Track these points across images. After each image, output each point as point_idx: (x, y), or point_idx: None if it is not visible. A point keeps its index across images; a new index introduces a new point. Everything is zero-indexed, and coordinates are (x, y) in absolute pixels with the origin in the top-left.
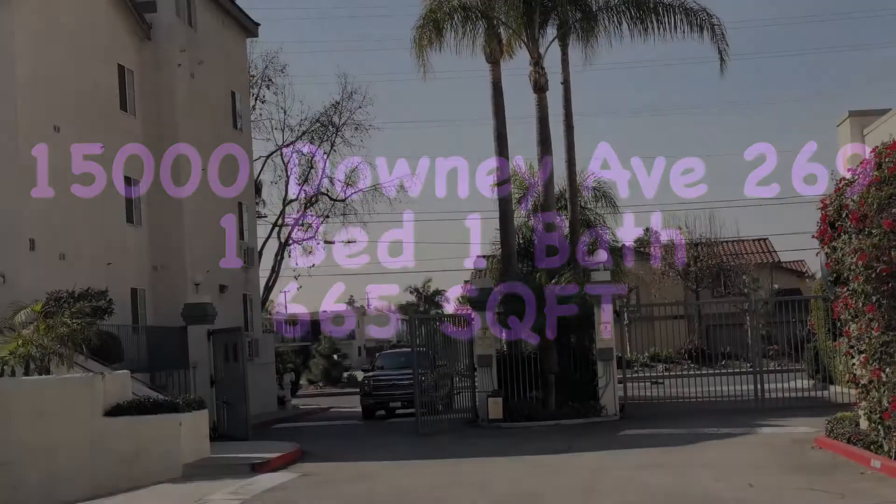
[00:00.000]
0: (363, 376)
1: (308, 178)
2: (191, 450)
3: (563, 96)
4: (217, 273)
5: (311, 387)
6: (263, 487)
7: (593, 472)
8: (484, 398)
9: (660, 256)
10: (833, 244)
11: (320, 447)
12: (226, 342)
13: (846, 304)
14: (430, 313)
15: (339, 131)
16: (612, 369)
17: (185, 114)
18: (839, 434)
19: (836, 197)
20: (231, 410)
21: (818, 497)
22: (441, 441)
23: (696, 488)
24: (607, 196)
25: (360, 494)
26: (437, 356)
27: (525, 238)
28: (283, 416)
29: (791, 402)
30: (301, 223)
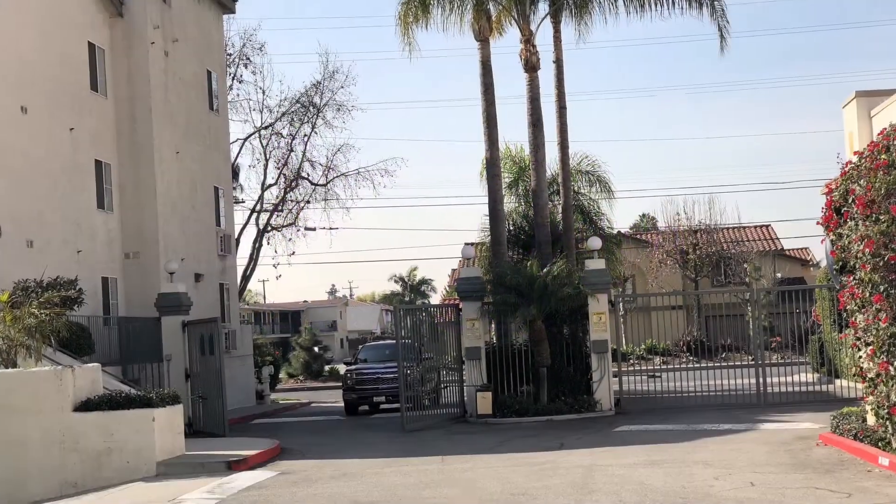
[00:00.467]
0: (346, 370)
1: (288, 162)
2: (165, 447)
3: (555, 76)
4: (192, 261)
5: (291, 381)
6: (241, 486)
7: (587, 470)
8: (472, 392)
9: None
10: (839, 231)
11: (301, 444)
12: (201, 334)
13: (852, 294)
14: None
15: (321, 112)
16: (606, 362)
17: (158, 94)
18: (845, 430)
19: (842, 181)
20: (207, 405)
21: (823, 496)
22: (427, 438)
23: (694, 487)
24: (602, 180)
25: (342, 493)
26: (424, 348)
27: (516, 224)
28: (262, 411)
29: (794, 397)
30: (280, 209)
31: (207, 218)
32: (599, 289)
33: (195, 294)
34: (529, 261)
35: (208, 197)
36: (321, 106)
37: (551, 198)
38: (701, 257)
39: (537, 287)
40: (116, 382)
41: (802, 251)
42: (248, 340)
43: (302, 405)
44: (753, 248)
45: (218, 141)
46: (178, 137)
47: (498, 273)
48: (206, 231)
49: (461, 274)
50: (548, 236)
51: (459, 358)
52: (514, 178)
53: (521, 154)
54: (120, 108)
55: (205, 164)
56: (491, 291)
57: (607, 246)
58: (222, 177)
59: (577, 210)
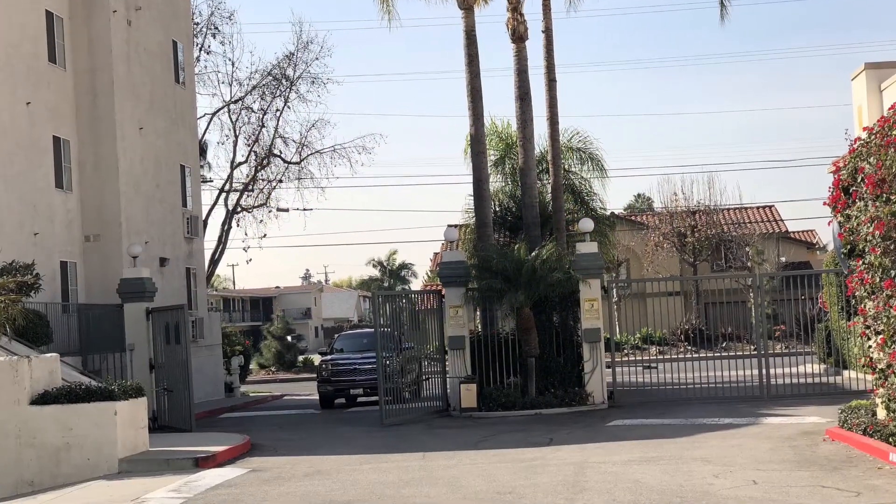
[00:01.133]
0: (321, 360)
1: (259, 138)
2: (127, 442)
3: (544, 46)
4: (157, 244)
5: (262, 372)
6: (208, 484)
7: (578, 468)
8: (456, 385)
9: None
10: (847, 212)
11: (273, 439)
12: (167, 322)
13: (862, 280)
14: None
15: (294, 86)
16: (599, 352)
17: (120, 66)
18: (854, 425)
19: (850, 159)
20: (173, 398)
21: (830, 495)
22: (408, 432)
23: (692, 485)
24: (594, 158)
25: (316, 492)
26: (404, 338)
27: (502, 205)
28: (231, 404)
29: (799, 390)
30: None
31: (173, 198)
32: (591, 274)
33: (160, 279)
34: (517, 244)
35: (174, 176)
36: (294, 79)
37: (540, 177)
38: (700, 240)
39: (525, 272)
40: (76, 374)
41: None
42: (217, 329)
43: (274, 398)
44: (756, 230)
45: (184, 116)
46: (142, 112)
47: (483, 257)
48: (171, 212)
49: (444, 258)
50: (536, 218)
51: (442, 348)
52: (500, 156)
53: (507, 130)
54: (80, 81)
55: (170, 141)
56: (476, 276)
57: (600, 228)
58: (189, 154)
59: (568, 190)
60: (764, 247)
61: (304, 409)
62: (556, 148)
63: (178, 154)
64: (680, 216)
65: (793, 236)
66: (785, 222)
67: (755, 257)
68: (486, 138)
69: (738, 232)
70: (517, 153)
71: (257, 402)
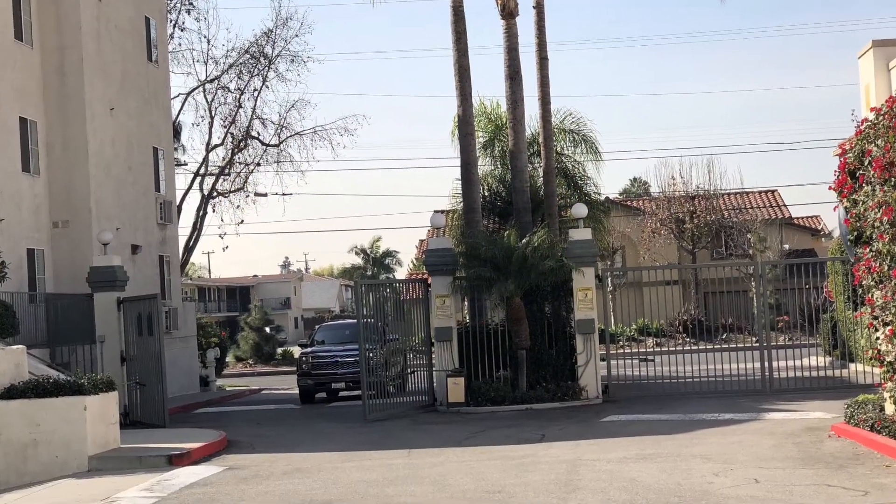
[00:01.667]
0: (300, 353)
1: (235, 120)
2: (97, 439)
3: (535, 23)
4: (129, 231)
5: (239, 365)
6: (182, 483)
7: (571, 465)
8: (443, 378)
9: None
10: (853, 197)
11: (250, 435)
12: (139, 312)
13: (869, 268)
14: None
15: (273, 64)
16: (593, 344)
17: (90, 43)
18: (860, 420)
19: (857, 141)
20: (145, 392)
21: (836, 494)
22: (392, 429)
23: (691, 484)
24: (587, 140)
25: (296, 491)
26: (388, 329)
27: (491, 190)
28: (207, 398)
29: (804, 383)
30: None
31: (146, 182)
32: (585, 262)
33: (132, 268)
34: (507, 230)
35: (146, 158)
36: (273, 57)
37: (531, 160)
38: (699, 226)
39: (515, 260)
40: (44, 367)
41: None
42: (192, 320)
43: (252, 392)
44: (758, 215)
45: (157, 96)
46: (113, 92)
47: (471, 244)
48: (143, 197)
49: (430, 245)
50: (527, 203)
51: (428, 339)
52: (489, 138)
53: (497, 111)
54: (47, 59)
55: (142, 122)
56: (463, 265)
57: (594, 214)
58: (162, 136)
59: (560, 173)
60: (766, 233)
61: (284, 404)
62: (548, 129)
63: (151, 136)
64: (678, 201)
65: (796, 222)
66: (788, 207)
67: (757, 244)
68: (475, 119)
69: (739, 218)
70: (507, 135)
71: (234, 397)
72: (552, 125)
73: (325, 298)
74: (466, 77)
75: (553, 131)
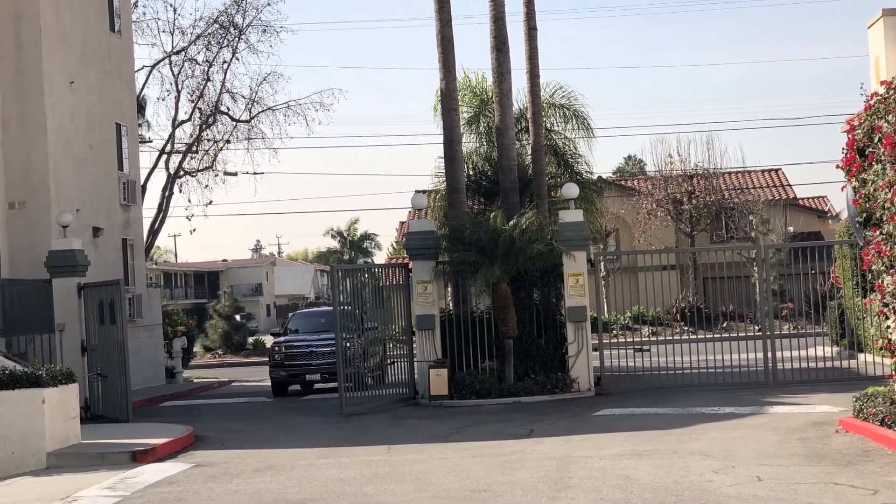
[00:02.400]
0: (273, 342)
1: (204, 94)
2: (57, 434)
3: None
4: (90, 212)
5: (207, 355)
6: (147, 481)
7: (561, 462)
8: (425, 369)
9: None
10: (862, 176)
11: (220, 430)
12: (101, 299)
13: (879, 252)
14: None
15: (243, 34)
16: (585, 333)
17: (49, 12)
18: (870, 414)
19: (866, 117)
20: (107, 385)
21: (844, 493)
22: (371, 423)
23: (690, 482)
24: (579, 116)
25: (268, 490)
26: (366, 317)
27: (476, 168)
28: (173, 391)
29: (809, 375)
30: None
31: (108, 160)
32: (576, 245)
33: (93, 252)
34: (493, 212)
35: (109, 135)
36: (244, 27)
37: (519, 136)
38: (698, 207)
39: (502, 243)
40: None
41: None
42: (157, 307)
43: (221, 384)
44: (760, 196)
45: (120, 68)
46: (73, 64)
47: (455, 226)
48: (106, 176)
49: (411, 227)
50: (515, 182)
51: (409, 328)
52: (474, 113)
53: (482, 84)
54: (3, 30)
55: (104, 97)
56: (447, 248)
57: (586, 194)
58: (126, 111)
59: (550, 151)
60: (770, 215)
61: (255, 397)
62: (537, 104)
63: (114, 111)
64: (675, 181)
65: (802, 203)
66: (793, 187)
67: (760, 227)
68: (459, 94)
69: (741, 198)
70: (493, 110)
71: (202, 389)
72: (541, 100)
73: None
74: (450, 48)
75: (542, 106)
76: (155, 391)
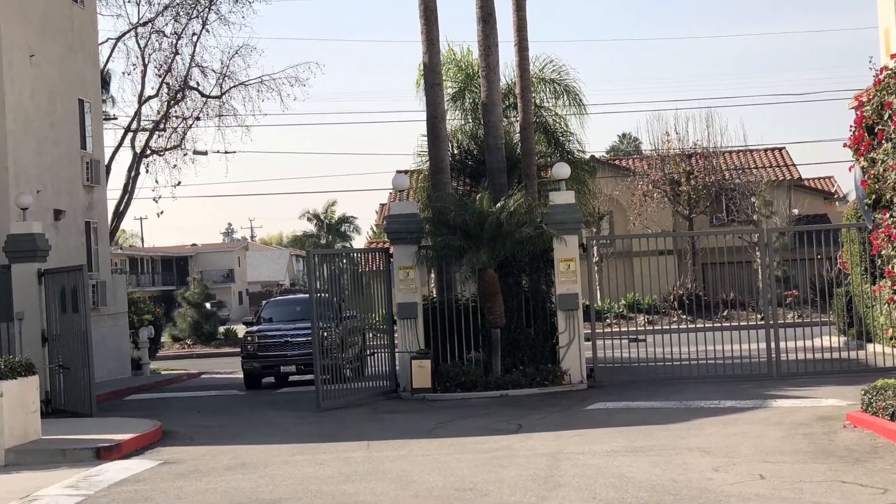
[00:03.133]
0: (245, 332)
1: (172, 68)
2: (16, 429)
3: None
4: (51, 193)
5: (176, 345)
6: (112, 479)
7: (552, 459)
8: (406, 361)
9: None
10: (871, 155)
11: (189, 426)
12: (63, 286)
13: (889, 235)
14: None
15: (214, 4)
16: (576, 322)
17: None
18: (879, 408)
19: (875, 92)
20: (70, 377)
21: (851, 492)
22: (349, 418)
23: (688, 480)
24: (570, 91)
25: (240, 488)
26: (345, 305)
27: (461, 147)
28: (139, 384)
29: (815, 366)
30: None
31: (70, 139)
32: (568, 229)
33: (54, 235)
34: (479, 193)
35: (71, 112)
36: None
37: (506, 113)
38: (696, 188)
39: (489, 226)
40: None
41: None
42: (122, 294)
43: (190, 376)
44: (763, 176)
45: (83, 41)
46: (33, 36)
47: (439, 209)
48: (68, 155)
49: (392, 210)
50: (502, 162)
51: (390, 317)
52: (459, 89)
53: (468, 58)
54: None
55: (66, 71)
56: (430, 232)
57: (578, 174)
58: (89, 87)
59: (540, 129)
60: (773, 196)
61: (227, 390)
62: (526, 79)
63: (77, 86)
64: (673, 160)
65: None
66: (798, 167)
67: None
68: (443, 68)
69: (742, 179)
70: (479, 85)
71: (170, 382)
72: (530, 74)
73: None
74: (433, 19)
75: (531, 81)
76: (120, 384)
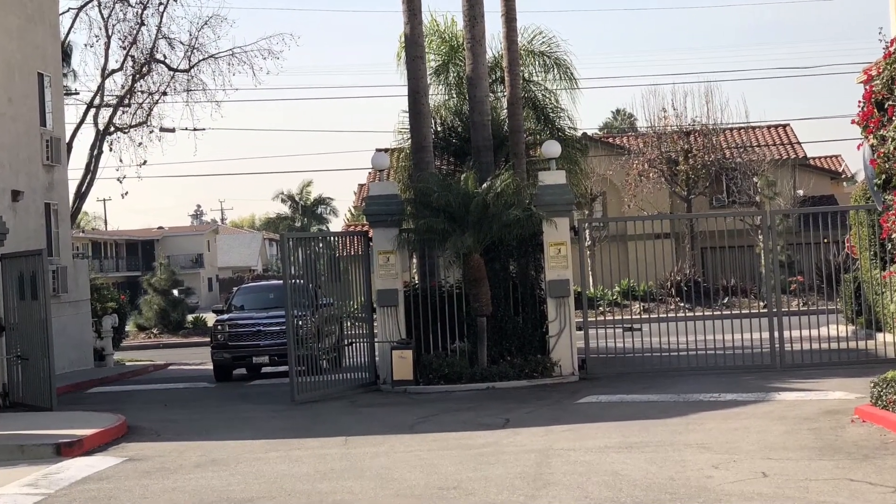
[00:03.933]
0: (215, 320)
1: (137, 40)
2: None
3: None
4: (8, 173)
5: (141, 335)
6: (73, 477)
7: (541, 456)
8: (387, 351)
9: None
10: (881, 133)
11: (155, 420)
12: (20, 271)
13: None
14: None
15: None
16: (568, 310)
17: None
18: (889, 402)
19: (885, 66)
20: (28, 368)
21: (860, 490)
22: (326, 412)
23: (686, 478)
24: (561, 65)
25: (210, 487)
26: (321, 291)
27: (445, 124)
28: (103, 376)
29: (821, 357)
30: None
31: (29, 115)
32: (558, 210)
33: (12, 218)
34: (464, 173)
35: (30, 87)
36: None
37: (493, 88)
38: (695, 168)
39: (474, 208)
40: None
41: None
42: (85, 280)
43: (156, 368)
44: (766, 155)
45: (43, 11)
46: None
47: (421, 189)
48: (26, 133)
49: (371, 191)
50: (488, 140)
51: (369, 304)
52: (442, 62)
53: (452, 29)
54: None
55: (25, 44)
56: (412, 214)
57: (569, 153)
58: (49, 60)
59: (529, 105)
60: (776, 176)
61: (195, 382)
62: (514, 52)
63: (36, 59)
64: (670, 138)
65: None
66: (803, 145)
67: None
68: (426, 40)
69: (744, 158)
70: (464, 58)
71: (135, 373)
72: (518, 46)
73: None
74: None
75: (520, 54)
76: (82, 375)
